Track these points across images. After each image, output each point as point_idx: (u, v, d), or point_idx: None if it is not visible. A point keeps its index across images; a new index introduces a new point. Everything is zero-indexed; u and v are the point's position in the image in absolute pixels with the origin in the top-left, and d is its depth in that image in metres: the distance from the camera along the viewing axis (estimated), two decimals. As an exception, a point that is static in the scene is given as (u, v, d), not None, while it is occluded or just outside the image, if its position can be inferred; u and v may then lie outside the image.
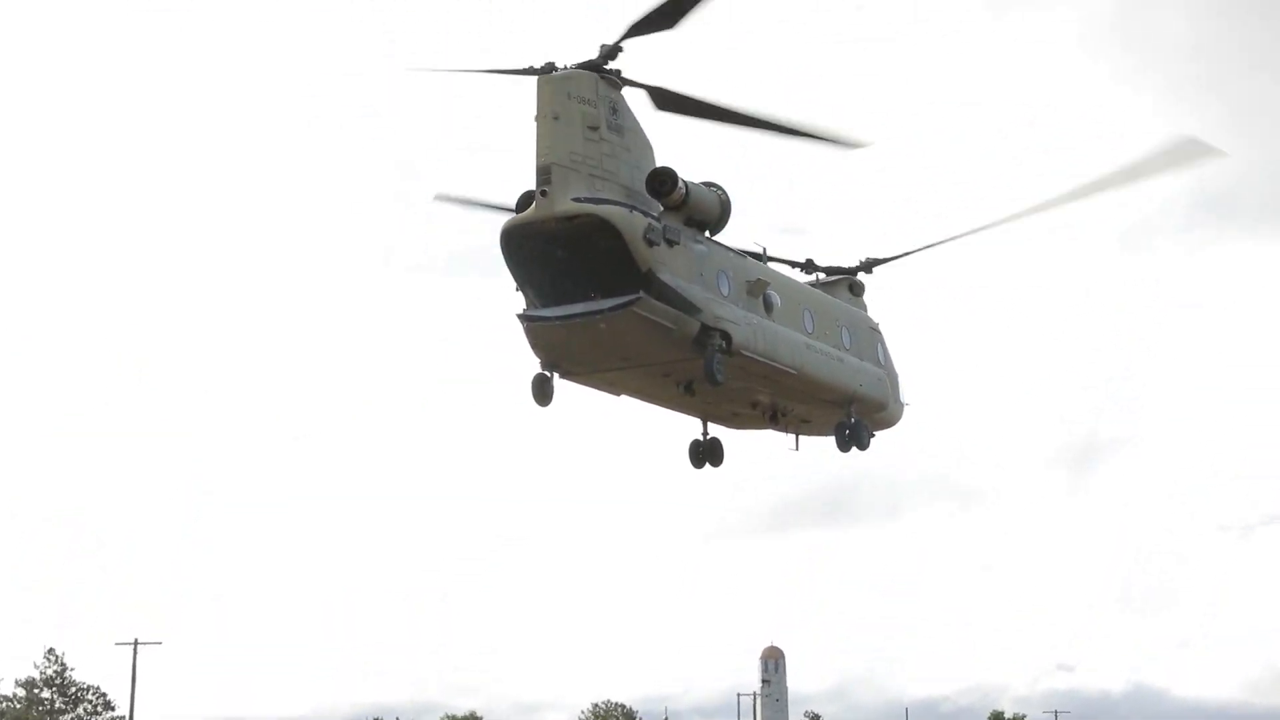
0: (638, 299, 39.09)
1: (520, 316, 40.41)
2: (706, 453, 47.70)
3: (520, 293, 40.58)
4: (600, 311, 39.13)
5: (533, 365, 41.84)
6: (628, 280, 39.25)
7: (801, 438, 49.06)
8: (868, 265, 50.38)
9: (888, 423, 49.60)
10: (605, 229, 39.01)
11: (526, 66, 39.76)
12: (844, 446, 48.02)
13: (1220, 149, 45.18)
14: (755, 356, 42.46)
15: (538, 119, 39.14)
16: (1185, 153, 45.02)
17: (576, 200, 38.87)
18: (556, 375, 41.73)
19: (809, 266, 48.85)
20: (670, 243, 40.27)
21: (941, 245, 49.39)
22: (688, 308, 40.48)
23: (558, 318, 39.62)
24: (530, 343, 40.72)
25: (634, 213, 39.78)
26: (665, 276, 39.88)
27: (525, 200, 40.19)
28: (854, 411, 47.33)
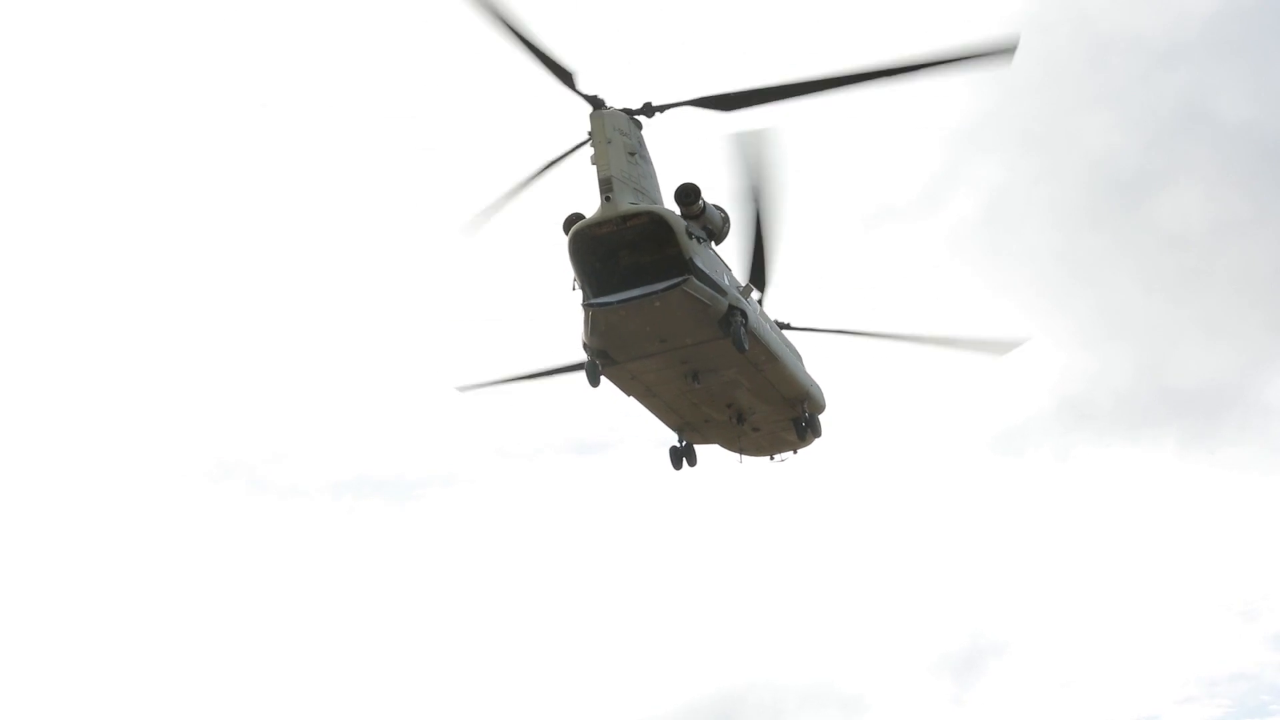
0: (686, 280, 47.32)
1: (585, 305, 48.11)
2: (685, 453, 56.10)
3: (581, 288, 48.76)
4: (656, 291, 47.11)
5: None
6: (675, 267, 47.66)
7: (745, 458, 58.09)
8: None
9: (821, 413, 58.34)
10: (660, 224, 47.69)
11: (567, 72, 48.11)
12: (803, 436, 56.71)
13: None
14: (758, 338, 51.64)
15: (595, 144, 48.00)
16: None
17: (632, 204, 47.94)
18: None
19: None
20: (699, 240, 49.63)
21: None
22: (719, 290, 48.86)
23: (619, 301, 47.44)
24: (589, 329, 48.58)
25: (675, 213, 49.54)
26: (700, 264, 48.41)
27: (571, 220, 48.84)
28: (805, 407, 55.49)
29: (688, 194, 49.55)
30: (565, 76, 48.16)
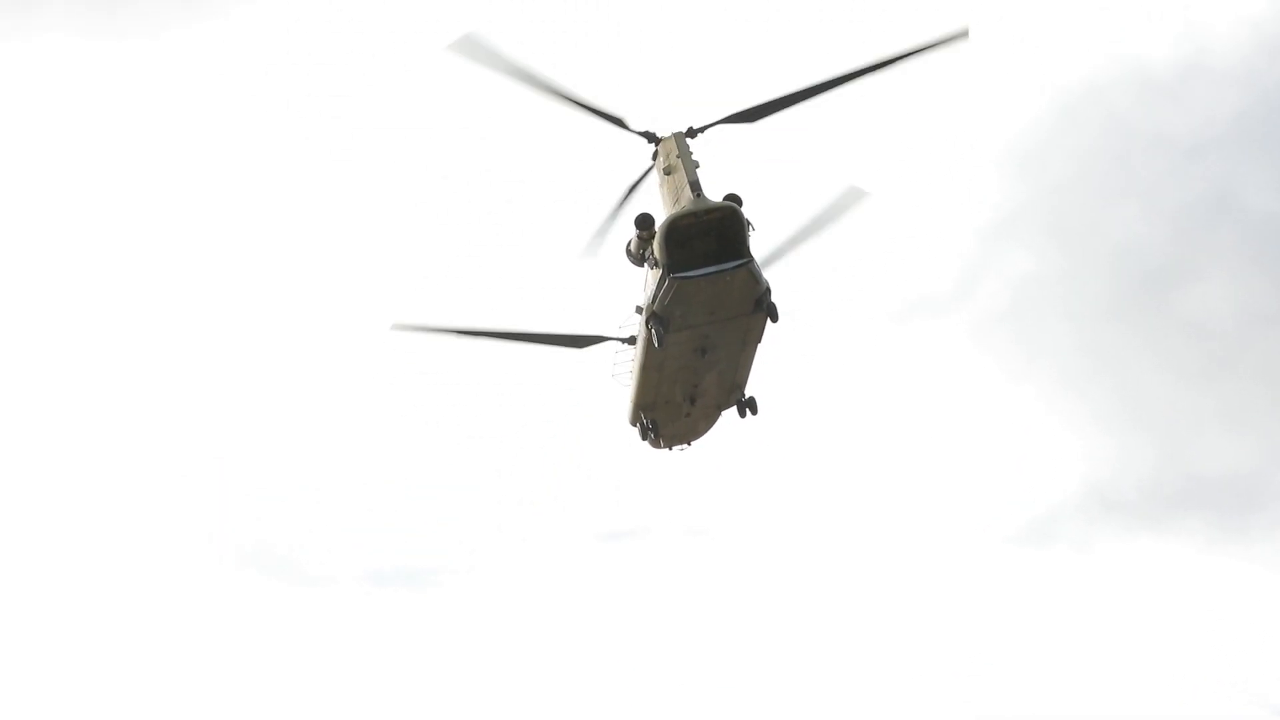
0: (750, 261, 57.93)
1: (672, 278, 57.64)
2: (650, 430, 66.07)
3: (661, 266, 58.22)
4: (728, 269, 57.56)
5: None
6: (740, 251, 57.88)
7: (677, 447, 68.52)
8: None
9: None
10: (735, 216, 57.66)
11: (616, 117, 59.61)
12: (743, 414, 65.83)
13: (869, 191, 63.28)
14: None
15: (675, 158, 58.84)
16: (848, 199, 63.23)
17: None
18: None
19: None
20: (752, 230, 59.02)
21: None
22: (761, 273, 58.98)
23: (701, 275, 57.49)
24: (665, 297, 58.17)
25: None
26: (752, 252, 58.55)
27: (643, 219, 59.59)
28: (743, 393, 65.38)
29: (733, 199, 59.38)
30: (618, 121, 59.76)
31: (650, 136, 60.10)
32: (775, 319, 59.84)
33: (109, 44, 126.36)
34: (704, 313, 58.91)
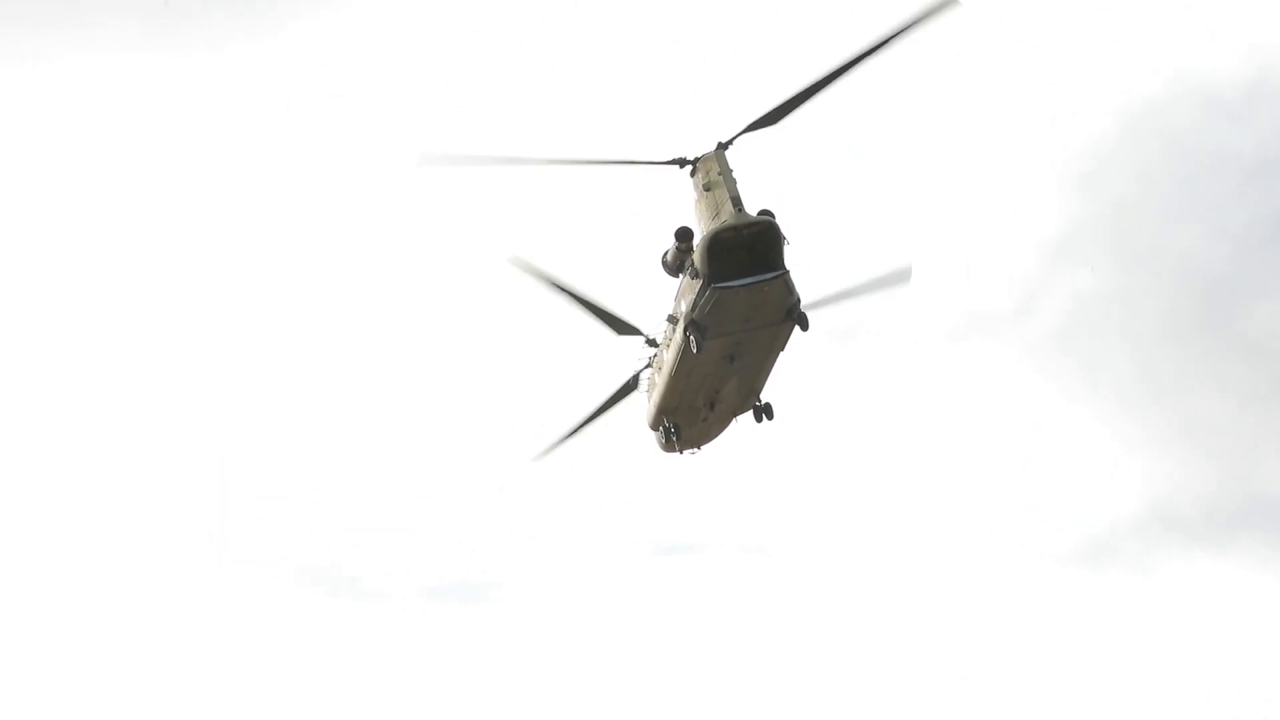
0: (786, 272, 60.50)
1: (714, 288, 60.30)
2: (673, 434, 68.73)
3: (702, 276, 60.74)
4: (766, 279, 60.19)
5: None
6: (776, 263, 60.49)
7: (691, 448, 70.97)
8: None
9: None
10: (773, 230, 60.35)
11: (675, 159, 62.33)
12: (759, 419, 68.35)
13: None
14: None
15: (717, 175, 61.16)
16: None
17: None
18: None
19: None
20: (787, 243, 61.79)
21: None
22: (794, 284, 61.36)
23: (741, 284, 60.22)
24: (712, 307, 60.86)
25: None
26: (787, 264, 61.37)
27: (683, 232, 62.19)
28: (759, 398, 68.01)
29: (766, 213, 61.50)
30: (677, 162, 62.55)
31: (681, 161, 62.70)
32: (805, 328, 62.38)
33: (168, 59, 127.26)
34: (739, 321, 61.58)
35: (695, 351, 62.27)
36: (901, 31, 59.90)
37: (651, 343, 69.20)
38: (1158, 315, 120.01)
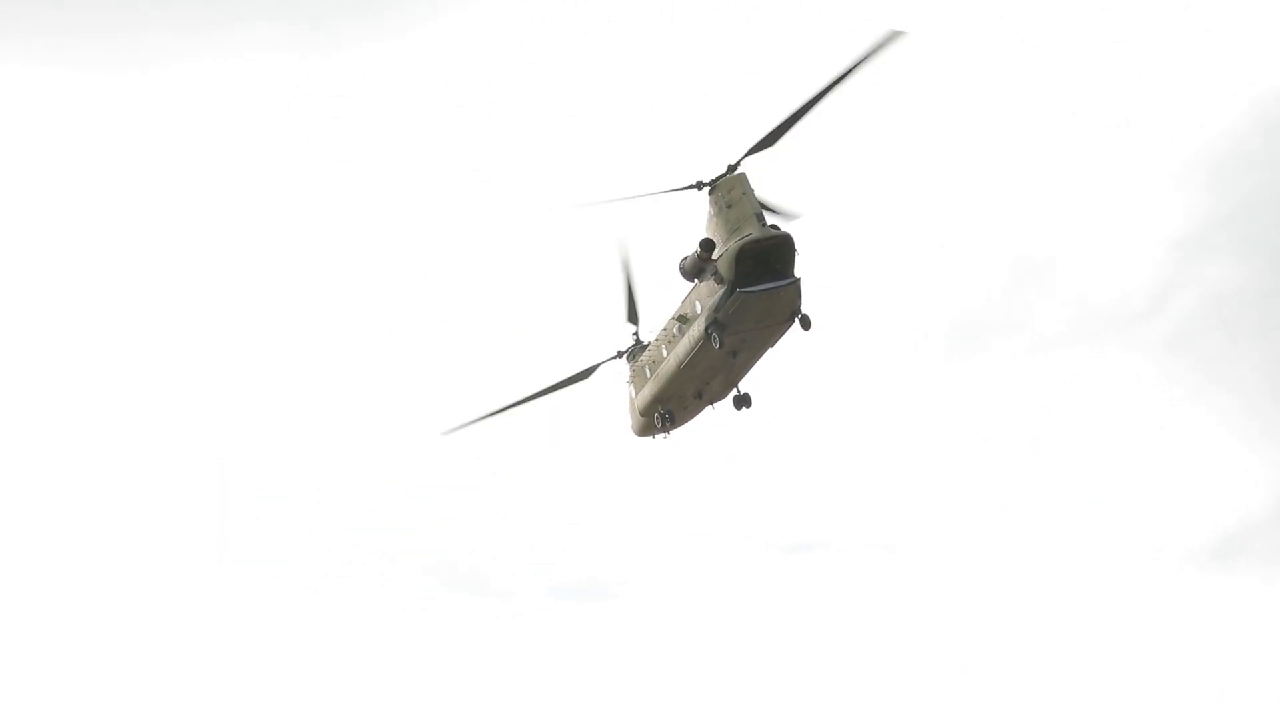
0: (799, 279, 67.04)
1: (739, 292, 66.81)
2: (666, 420, 74.91)
3: (727, 282, 66.89)
4: (782, 286, 66.78)
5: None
6: (791, 271, 66.95)
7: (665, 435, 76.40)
8: None
9: None
10: (790, 241, 66.90)
11: (692, 183, 67.89)
12: (738, 406, 73.75)
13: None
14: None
15: (745, 193, 67.11)
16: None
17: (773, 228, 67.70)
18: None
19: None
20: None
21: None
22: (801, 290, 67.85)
23: (762, 290, 66.74)
24: (735, 309, 67.29)
25: None
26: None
27: (707, 243, 67.77)
28: (741, 388, 73.78)
29: (778, 229, 67.85)
30: (695, 186, 68.14)
31: (699, 184, 68.49)
32: (807, 328, 68.59)
33: (312, 60, 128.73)
34: (753, 321, 68.07)
35: (717, 347, 68.61)
36: (878, 48, 64.03)
37: (623, 354, 76.24)
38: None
